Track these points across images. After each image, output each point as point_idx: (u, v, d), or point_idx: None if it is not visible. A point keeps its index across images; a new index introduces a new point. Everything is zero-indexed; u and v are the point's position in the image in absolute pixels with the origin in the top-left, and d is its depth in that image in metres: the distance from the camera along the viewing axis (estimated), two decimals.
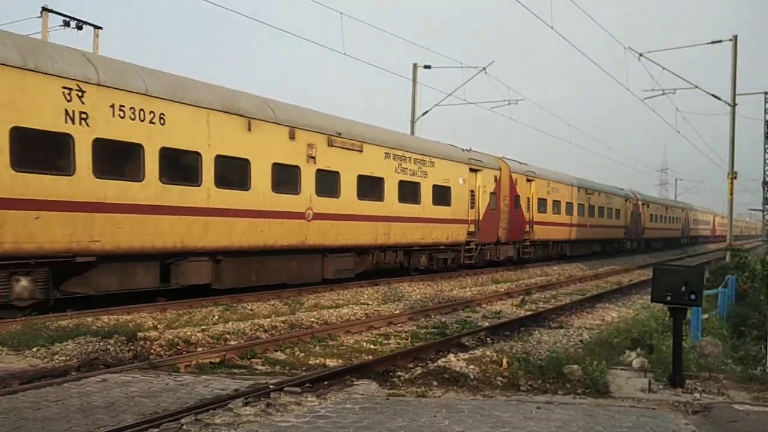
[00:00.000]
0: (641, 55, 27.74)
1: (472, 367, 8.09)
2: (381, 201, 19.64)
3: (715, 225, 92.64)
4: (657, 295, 7.71)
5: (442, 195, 22.78)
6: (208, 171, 14.05)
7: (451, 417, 6.23)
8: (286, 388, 7.19)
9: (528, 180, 29.97)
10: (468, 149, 25.64)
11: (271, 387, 7.28)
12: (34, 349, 9.18)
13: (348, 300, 16.32)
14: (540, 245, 32.04)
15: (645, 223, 51.08)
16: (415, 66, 30.98)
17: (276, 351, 10.31)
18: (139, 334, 10.14)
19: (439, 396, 7.19)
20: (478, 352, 8.96)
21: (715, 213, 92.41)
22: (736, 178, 29.36)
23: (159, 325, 11.52)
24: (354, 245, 18.67)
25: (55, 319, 11.12)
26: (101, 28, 17.49)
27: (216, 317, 12.76)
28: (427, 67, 30.74)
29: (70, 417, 6.19)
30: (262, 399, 6.75)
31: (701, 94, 29.99)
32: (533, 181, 30.47)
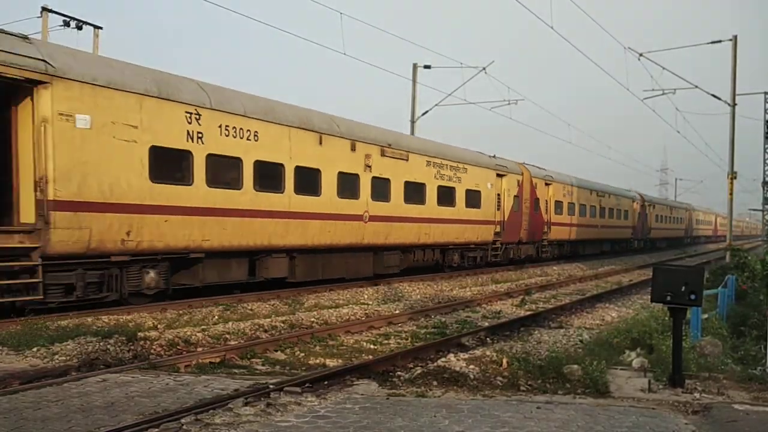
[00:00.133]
0: (641, 55, 27.78)
1: (472, 367, 8.09)
2: (423, 204, 21.72)
3: (716, 225, 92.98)
4: (657, 295, 7.71)
5: (473, 198, 24.84)
6: (289, 180, 16.24)
7: (451, 417, 6.23)
8: (286, 388, 7.20)
9: (546, 184, 31.98)
10: (493, 155, 27.54)
11: (271, 387, 7.29)
12: (34, 349, 9.19)
13: (348, 300, 16.33)
14: (556, 245, 33.92)
15: (651, 224, 52.56)
16: (415, 66, 30.98)
17: (276, 351, 10.32)
18: (139, 334, 10.14)
19: (439, 396, 7.19)
20: (478, 352, 8.96)
21: (717, 213, 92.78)
22: (736, 178, 29.39)
23: (159, 325, 11.52)
24: (400, 244, 20.87)
25: (55, 319, 11.14)
26: (101, 28, 17.47)
27: (216, 317, 12.77)
28: (427, 67, 30.74)
29: (70, 417, 6.20)
30: (262, 399, 6.75)
31: (701, 94, 30.05)
32: (551, 184, 32.42)
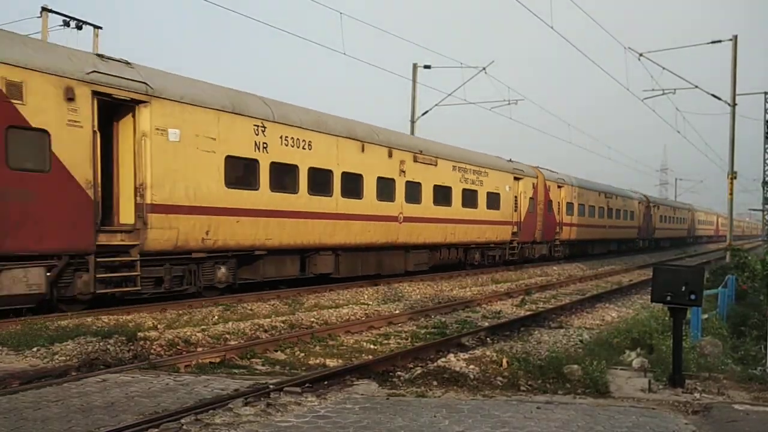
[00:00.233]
0: (641, 55, 27.77)
1: (472, 367, 8.09)
2: (449, 206, 23.28)
3: (718, 225, 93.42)
4: (657, 295, 7.71)
5: (493, 200, 26.49)
6: (337, 184, 17.87)
7: (451, 417, 6.23)
8: (286, 388, 7.19)
9: (558, 186, 33.49)
10: (510, 160, 29.17)
11: (271, 387, 7.28)
12: (34, 349, 9.18)
13: (348, 300, 16.33)
14: (567, 244, 35.41)
15: (655, 224, 53.98)
16: (415, 66, 30.98)
17: (276, 351, 10.31)
18: (139, 334, 10.13)
19: (439, 396, 7.19)
20: (478, 352, 8.95)
21: (719, 214, 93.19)
22: (736, 178, 29.38)
23: (159, 325, 11.52)
24: (429, 243, 22.46)
25: (55, 319, 11.13)
26: (101, 28, 17.45)
27: (216, 317, 12.76)
28: (427, 67, 30.75)
29: (70, 417, 6.19)
30: (262, 399, 6.75)
31: (701, 94, 30.05)
32: (562, 187, 33.97)
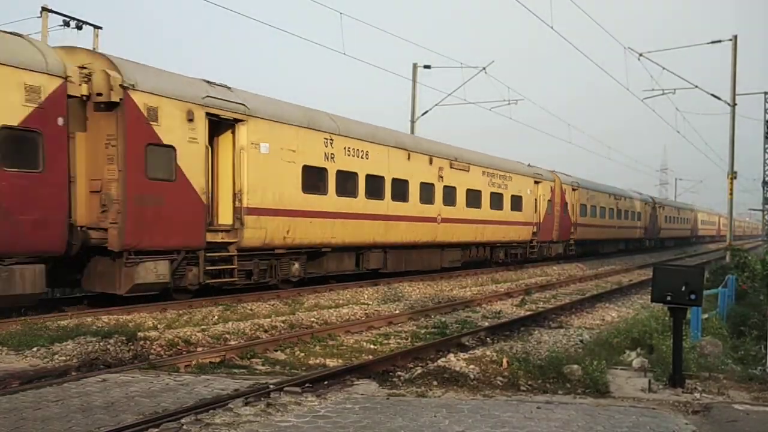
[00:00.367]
0: (641, 55, 27.76)
1: (472, 366, 8.08)
2: (479, 208, 25.41)
3: (720, 225, 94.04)
4: (657, 295, 7.71)
5: (516, 203, 28.67)
6: (388, 189, 19.95)
7: (451, 417, 6.23)
8: (286, 388, 7.20)
9: (573, 189, 35.53)
10: (529, 165, 31.19)
11: (271, 387, 7.29)
12: (34, 349, 9.19)
13: (348, 300, 16.32)
14: (580, 244, 37.24)
15: (661, 225, 55.97)
16: (415, 66, 30.97)
17: (276, 351, 10.32)
18: (139, 334, 10.13)
19: (439, 396, 7.19)
20: (478, 352, 8.95)
21: (720, 214, 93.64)
22: (736, 178, 29.35)
23: (159, 325, 11.52)
24: (461, 242, 24.59)
25: (55, 319, 11.14)
26: (101, 28, 17.46)
27: (216, 317, 12.76)
28: (427, 67, 30.73)
29: (70, 417, 6.20)
30: (262, 399, 6.75)
31: (701, 94, 30.00)
32: (577, 189, 36.03)
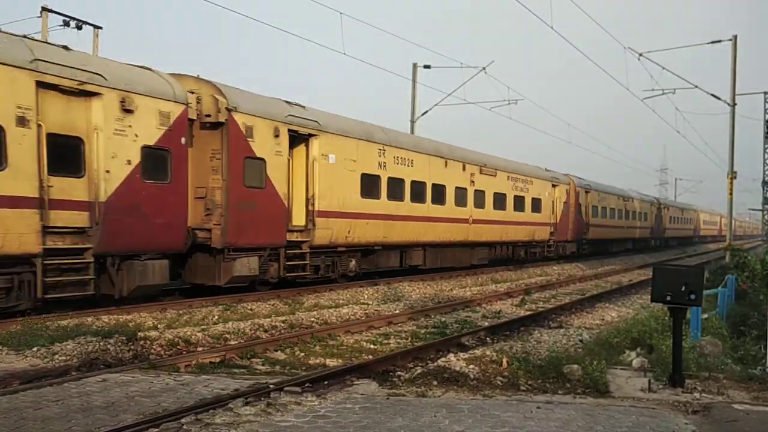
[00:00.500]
0: (641, 55, 27.76)
1: (472, 366, 8.09)
2: (504, 210, 27.77)
3: (721, 225, 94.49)
4: (657, 295, 7.71)
5: (536, 205, 30.97)
6: (428, 194, 22.19)
7: (451, 416, 6.23)
8: (286, 388, 7.20)
9: (586, 191, 37.63)
10: (547, 169, 33.54)
11: (271, 387, 7.29)
12: (35, 348, 9.18)
13: (348, 300, 16.32)
14: (592, 243, 39.28)
15: (665, 225, 58.14)
16: (415, 66, 30.97)
17: (276, 351, 10.32)
18: (139, 334, 10.12)
19: (439, 396, 7.19)
20: (478, 352, 8.95)
21: (722, 214, 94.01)
22: (735, 177, 29.34)
23: (159, 325, 11.52)
24: (489, 241, 26.78)
25: (55, 319, 11.13)
26: (101, 28, 17.44)
27: (216, 317, 12.75)
28: (427, 67, 30.73)
29: (71, 417, 6.20)
30: (263, 399, 6.75)
31: (701, 94, 30.03)
32: (589, 192, 38.13)
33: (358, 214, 18.61)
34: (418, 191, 21.62)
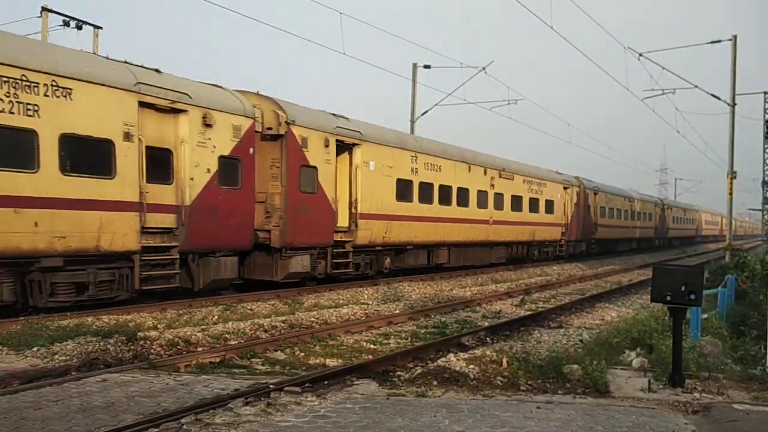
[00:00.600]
0: (641, 55, 27.76)
1: (472, 366, 8.09)
2: (521, 212, 29.39)
3: (722, 225, 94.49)
4: (657, 295, 7.71)
5: (549, 206, 32.56)
6: (454, 196, 23.81)
7: (451, 416, 6.23)
8: (286, 388, 7.20)
9: (594, 193, 39.17)
10: (558, 172, 35.11)
11: (271, 387, 7.29)
12: (35, 348, 9.19)
13: (348, 300, 16.32)
14: (600, 243, 40.81)
15: (669, 225, 59.82)
16: (414, 66, 30.96)
17: (276, 351, 10.32)
18: (139, 334, 10.13)
19: (439, 396, 7.19)
20: (478, 352, 8.95)
21: (723, 215, 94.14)
22: (735, 177, 29.33)
23: (159, 325, 11.52)
24: (506, 241, 28.45)
25: (55, 318, 11.13)
26: (101, 27, 17.49)
27: (216, 317, 12.76)
28: (427, 67, 30.73)
29: (71, 417, 6.20)
30: (262, 399, 6.75)
31: (701, 94, 30.01)
32: (597, 194, 39.65)
33: (394, 216, 20.26)
34: (445, 194, 23.25)
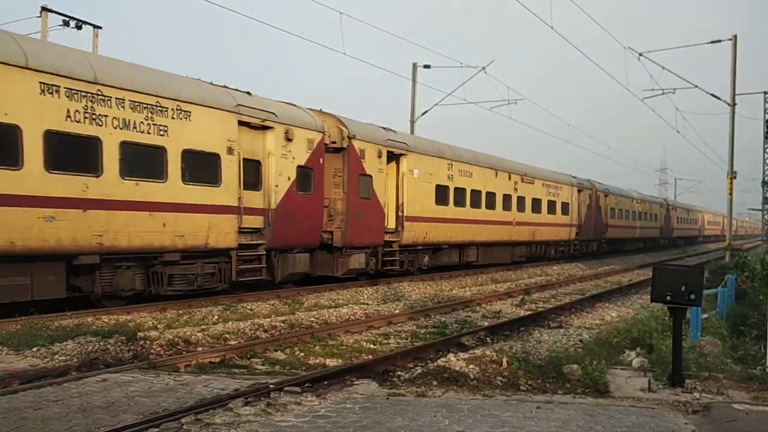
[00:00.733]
0: (641, 54, 27.77)
1: (471, 366, 8.08)
2: (540, 213, 31.62)
3: (723, 225, 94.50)
4: (657, 294, 7.71)
5: (565, 208, 34.78)
6: (483, 200, 26.10)
7: (451, 416, 6.23)
8: (286, 388, 7.20)
9: (605, 195, 41.18)
10: (572, 176, 36.84)
11: (271, 387, 7.29)
12: (35, 348, 9.19)
13: (348, 300, 16.32)
14: (610, 242, 42.58)
15: (673, 225, 61.96)
16: (414, 66, 30.97)
17: (276, 351, 10.32)
18: (139, 334, 10.13)
19: (439, 395, 7.19)
20: (477, 352, 8.95)
21: (724, 215, 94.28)
22: (735, 177, 29.32)
23: (159, 325, 11.52)
24: (526, 241, 30.59)
25: (55, 318, 11.14)
26: (101, 27, 17.49)
27: (216, 317, 12.76)
28: (427, 66, 30.74)
29: (71, 417, 6.20)
30: (262, 399, 6.75)
31: (701, 94, 30.01)
32: (608, 196, 41.69)
33: (433, 218, 22.42)
34: (476, 198, 25.52)
